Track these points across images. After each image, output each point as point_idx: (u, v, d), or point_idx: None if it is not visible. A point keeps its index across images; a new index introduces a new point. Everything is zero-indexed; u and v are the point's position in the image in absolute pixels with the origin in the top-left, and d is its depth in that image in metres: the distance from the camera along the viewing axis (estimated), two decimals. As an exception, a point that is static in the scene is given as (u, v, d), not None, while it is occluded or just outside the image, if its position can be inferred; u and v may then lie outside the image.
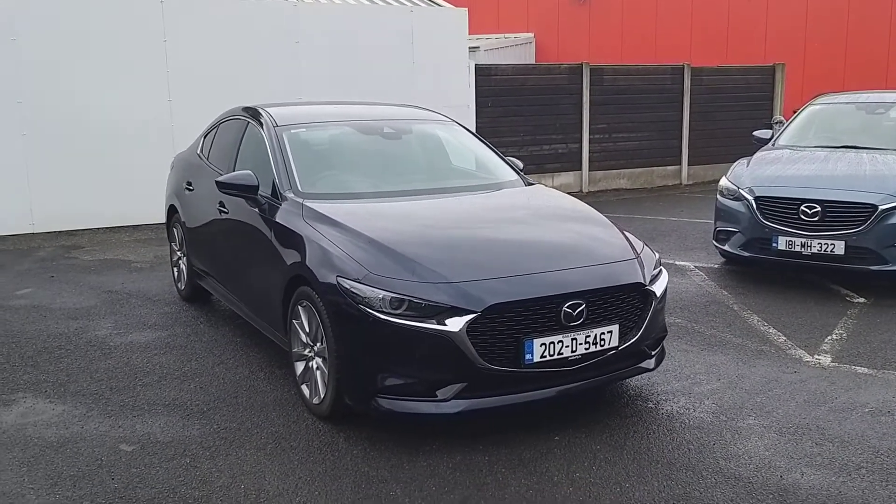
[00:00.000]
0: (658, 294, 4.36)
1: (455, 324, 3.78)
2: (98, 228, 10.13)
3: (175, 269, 6.99)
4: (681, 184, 14.75)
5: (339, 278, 4.00)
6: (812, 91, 19.55)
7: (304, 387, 4.49)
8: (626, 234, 4.71)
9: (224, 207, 5.50)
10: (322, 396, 4.26)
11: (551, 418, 4.31)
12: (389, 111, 6.09)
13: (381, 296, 3.86)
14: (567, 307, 3.94)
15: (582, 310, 3.98)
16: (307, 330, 4.37)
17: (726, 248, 7.48)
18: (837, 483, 3.65)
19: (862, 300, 6.69)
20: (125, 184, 10.19)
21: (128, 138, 10.23)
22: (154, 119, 10.37)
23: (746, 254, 7.28)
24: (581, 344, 3.99)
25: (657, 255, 4.66)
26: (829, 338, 5.74)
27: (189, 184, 6.41)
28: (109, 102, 10.09)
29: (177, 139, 10.39)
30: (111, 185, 10.14)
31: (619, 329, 4.13)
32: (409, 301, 3.84)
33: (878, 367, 5.16)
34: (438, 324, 3.80)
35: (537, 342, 3.89)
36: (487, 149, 5.83)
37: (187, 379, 5.00)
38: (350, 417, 4.25)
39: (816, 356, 5.36)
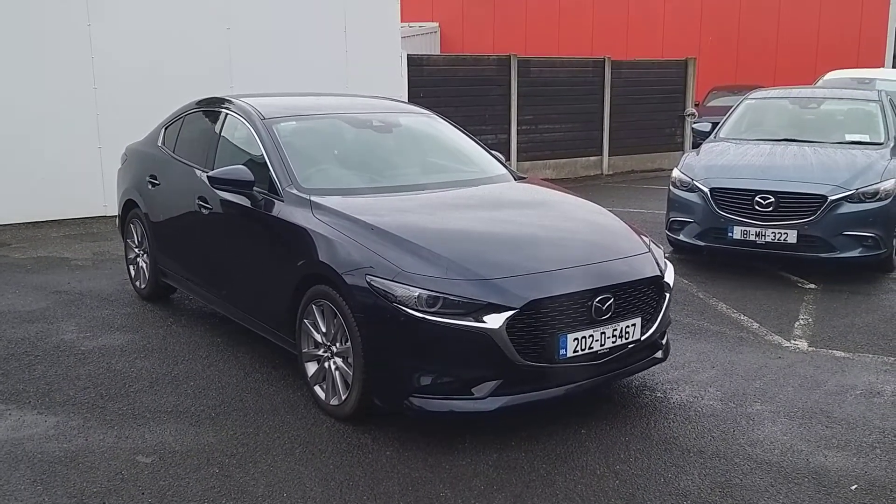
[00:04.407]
0: (671, 285, 4.46)
1: (494, 320, 3.75)
2: (20, 224, 9.51)
3: (132, 267, 6.63)
4: (602, 174, 15.11)
5: (369, 277, 3.90)
6: (707, 84, 20.45)
7: (317, 388, 4.36)
8: (634, 226, 4.80)
9: (206, 203, 5.26)
10: (343, 398, 4.15)
11: (571, 411, 4.34)
12: (371, 103, 5.95)
13: (416, 294, 3.78)
14: (597, 302, 3.97)
15: (610, 304, 4.02)
16: (323, 330, 4.24)
17: (680, 237, 7.71)
18: (860, 464, 3.83)
19: (813, 286, 7.05)
20: (48, 176, 9.60)
21: (50, 127, 9.62)
22: (78, 107, 9.79)
23: (702, 243, 7.52)
24: (609, 337, 4.04)
25: (661, 247, 4.77)
26: (797, 323, 6.02)
27: (153, 178, 6.10)
28: (29, 89, 9.47)
29: (103, 129, 9.91)
30: (32, 178, 9.52)
31: (641, 321, 4.20)
32: (445, 298, 3.78)
33: (852, 350, 5.44)
34: (476, 321, 3.76)
35: (570, 337, 3.91)
36: (473, 142, 5.80)
37: (181, 383, 4.77)
38: (372, 418, 4.16)
39: (793, 341, 5.60)
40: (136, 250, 6.50)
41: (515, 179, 5.45)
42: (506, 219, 4.64)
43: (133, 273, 6.63)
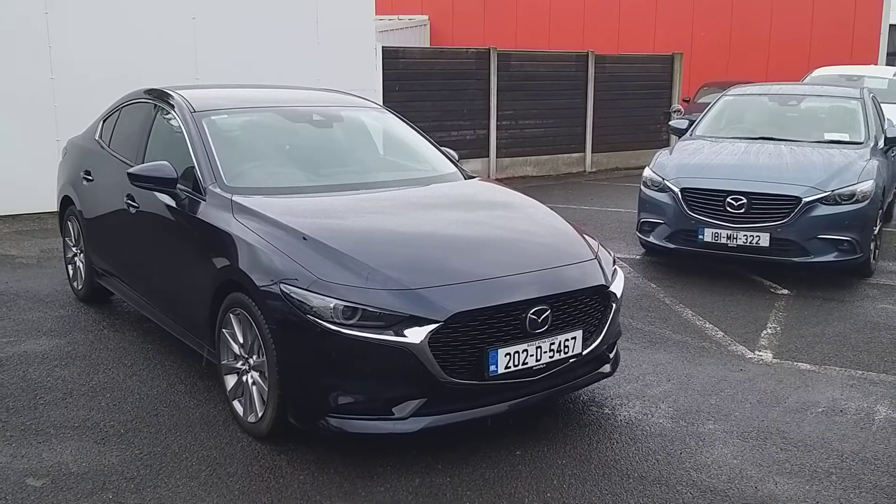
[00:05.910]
0: (618, 295, 4.15)
1: (416, 335, 3.45)
2: (-29, 219, 9.19)
3: (70, 267, 6.32)
4: (585, 171, 14.79)
5: (282, 285, 3.59)
6: (699, 80, 20.12)
7: (236, 403, 4.05)
8: (582, 231, 4.48)
9: (133, 201, 4.94)
10: (260, 415, 3.84)
11: (509, 430, 4.03)
12: (315, 96, 5.64)
13: (331, 304, 3.47)
14: (532, 313, 3.66)
15: (547, 316, 3.71)
16: (241, 341, 3.93)
17: (650, 239, 7.40)
18: (812, 492, 3.53)
19: (786, 291, 6.74)
20: (2, 170, 9.26)
21: (4, 120, 9.28)
22: (34, 98, 9.45)
23: (671, 245, 7.21)
24: (546, 352, 3.73)
25: (612, 253, 4.45)
26: (764, 332, 5.71)
27: (88, 173, 5.78)
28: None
29: (61, 121, 9.55)
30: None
31: (582, 334, 3.89)
32: (363, 310, 3.47)
33: (818, 362, 5.14)
34: (397, 335, 3.45)
35: (502, 352, 3.60)
36: (422, 138, 5.48)
37: (97, 395, 4.45)
38: (291, 437, 3.85)
39: (758, 352, 5.30)
40: (74, 249, 6.18)
41: (465, 178, 5.13)
42: (442, 222, 4.30)
43: (71, 273, 6.32)
